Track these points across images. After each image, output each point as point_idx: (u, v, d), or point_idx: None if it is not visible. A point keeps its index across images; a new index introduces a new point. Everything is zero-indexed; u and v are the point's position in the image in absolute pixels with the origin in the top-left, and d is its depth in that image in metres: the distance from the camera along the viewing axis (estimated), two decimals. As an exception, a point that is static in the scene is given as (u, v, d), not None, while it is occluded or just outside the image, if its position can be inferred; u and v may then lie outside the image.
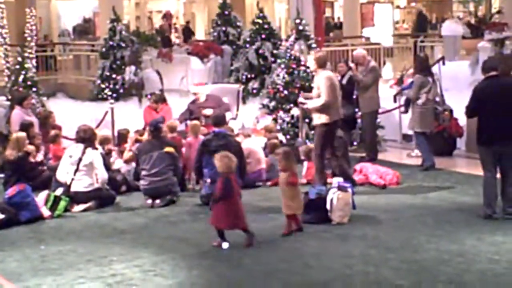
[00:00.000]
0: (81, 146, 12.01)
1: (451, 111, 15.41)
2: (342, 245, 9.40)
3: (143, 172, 12.19)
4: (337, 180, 10.89)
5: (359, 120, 15.85)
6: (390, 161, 14.76)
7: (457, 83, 18.23)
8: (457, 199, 11.75)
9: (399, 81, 17.57)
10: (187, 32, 33.87)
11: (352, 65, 15.79)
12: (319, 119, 11.96)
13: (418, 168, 14.09)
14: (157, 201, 11.94)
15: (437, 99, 15.02)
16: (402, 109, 15.51)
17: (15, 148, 11.63)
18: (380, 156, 15.12)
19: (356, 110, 15.74)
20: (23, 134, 12.07)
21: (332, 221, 10.34)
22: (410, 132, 15.61)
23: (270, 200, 11.94)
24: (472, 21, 26.02)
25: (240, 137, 13.41)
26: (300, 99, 12.63)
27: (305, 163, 13.41)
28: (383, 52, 25.39)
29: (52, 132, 14.11)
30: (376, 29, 34.39)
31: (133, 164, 13.03)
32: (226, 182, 9.47)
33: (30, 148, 12.71)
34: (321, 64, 12.04)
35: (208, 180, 11.60)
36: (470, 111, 10.63)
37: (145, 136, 13.53)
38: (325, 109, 11.85)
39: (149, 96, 17.11)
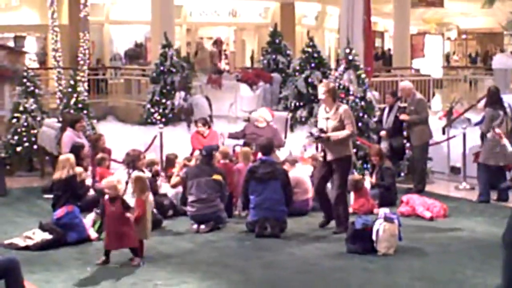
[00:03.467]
0: (128, 169, 12.13)
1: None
2: (388, 276, 9.34)
3: (191, 198, 12.23)
4: (383, 211, 10.83)
5: (407, 151, 15.79)
6: (437, 193, 14.67)
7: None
8: (505, 234, 11.61)
9: (448, 113, 17.46)
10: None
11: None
12: (342, 151, 11.58)
13: (473, 201, 14.00)
14: (202, 226, 11.97)
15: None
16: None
17: (64, 168, 11.74)
18: (428, 188, 15.03)
19: (405, 141, 15.68)
20: (71, 156, 12.19)
21: (377, 252, 10.29)
22: (458, 165, 15.50)
23: (316, 229, 11.93)
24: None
25: (286, 164, 13.43)
26: (315, 133, 11.75)
27: (352, 193, 13.39)
28: (432, 84, 25.27)
29: (99, 155, 14.25)
30: (426, 60, 34.28)
31: (180, 189, 13.10)
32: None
33: (78, 170, 12.85)
34: (335, 95, 11.82)
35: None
36: None
37: (193, 162, 13.59)
38: (348, 141, 11.68)
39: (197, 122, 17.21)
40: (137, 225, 10.10)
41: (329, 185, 12.25)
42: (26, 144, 17.52)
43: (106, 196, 10.09)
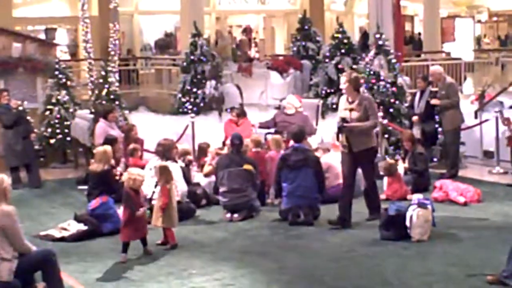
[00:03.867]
0: (160, 159, 12.18)
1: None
2: (422, 262, 9.32)
3: (222, 189, 12.27)
4: (416, 197, 10.80)
5: (439, 136, 15.72)
6: (471, 178, 14.60)
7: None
8: (540, 217, 11.56)
9: (480, 97, 17.35)
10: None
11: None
12: (367, 143, 11.31)
13: (507, 185, 13.95)
14: (236, 215, 12.02)
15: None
16: None
17: (101, 161, 11.82)
18: (461, 173, 14.97)
19: (437, 126, 15.61)
20: (109, 148, 12.26)
21: (411, 238, 10.27)
22: (491, 149, 15.41)
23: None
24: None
25: (319, 152, 13.43)
26: (338, 124, 11.53)
27: (385, 179, 13.36)
28: (464, 67, 25.07)
29: (131, 146, 14.31)
30: (457, 44, 34.01)
31: (213, 178, 13.14)
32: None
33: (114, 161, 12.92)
34: (357, 85, 11.44)
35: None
36: None
37: (225, 150, 13.63)
38: (372, 132, 11.44)
39: (229, 110, 17.23)
40: (163, 213, 10.18)
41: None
42: (60, 136, 17.67)
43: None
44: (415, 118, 15.74)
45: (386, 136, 15.82)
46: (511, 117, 15.01)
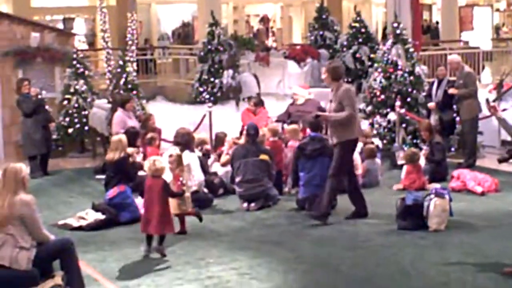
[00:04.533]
0: (178, 149, 12.19)
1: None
2: (439, 252, 9.31)
3: (238, 179, 12.27)
4: (434, 186, 10.78)
5: (457, 126, 15.67)
6: (488, 167, 14.55)
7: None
8: (558, 207, 11.52)
9: (499, 86, 17.28)
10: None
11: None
12: (344, 136, 10.87)
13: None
14: (252, 204, 12.03)
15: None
16: None
17: (117, 149, 11.85)
18: (478, 163, 14.93)
19: (455, 115, 15.56)
20: (123, 136, 12.28)
21: (429, 227, 10.26)
22: (509, 139, 15.33)
23: (366, 205, 11.92)
24: None
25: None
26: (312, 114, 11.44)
27: (404, 168, 13.34)
28: (482, 56, 24.94)
29: (149, 135, 14.34)
30: (475, 32, 33.84)
31: (230, 167, 13.17)
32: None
33: (131, 150, 12.95)
34: (336, 76, 10.98)
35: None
36: None
37: (242, 140, 13.64)
38: (350, 124, 10.85)
39: (246, 100, 17.25)
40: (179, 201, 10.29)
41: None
42: (77, 125, 17.72)
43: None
44: (431, 104, 15.67)
45: (403, 125, 15.78)
46: None
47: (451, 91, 15.05)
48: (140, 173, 12.66)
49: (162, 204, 9.57)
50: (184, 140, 12.40)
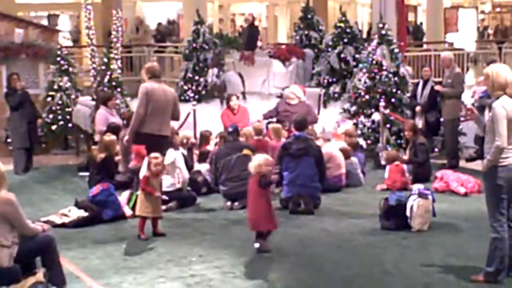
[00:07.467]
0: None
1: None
2: (422, 252, 9.34)
3: (222, 177, 12.24)
4: (417, 187, 10.80)
5: (441, 127, 15.70)
6: (471, 168, 14.57)
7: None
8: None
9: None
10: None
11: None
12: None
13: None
14: (236, 203, 12.00)
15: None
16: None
17: (107, 150, 11.90)
18: (462, 164, 14.95)
19: (439, 116, 15.59)
20: (113, 138, 12.30)
21: (412, 228, 10.28)
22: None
23: (350, 205, 11.94)
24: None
25: (320, 141, 13.41)
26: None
27: (387, 168, 13.36)
28: (466, 58, 25.01)
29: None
30: (460, 34, 33.95)
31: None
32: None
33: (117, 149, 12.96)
34: (150, 75, 11.57)
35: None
36: None
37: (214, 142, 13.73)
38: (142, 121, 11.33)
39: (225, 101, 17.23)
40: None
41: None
42: (61, 122, 17.63)
43: None
44: (418, 108, 15.70)
45: (387, 126, 15.81)
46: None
47: (438, 87, 15.06)
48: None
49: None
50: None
